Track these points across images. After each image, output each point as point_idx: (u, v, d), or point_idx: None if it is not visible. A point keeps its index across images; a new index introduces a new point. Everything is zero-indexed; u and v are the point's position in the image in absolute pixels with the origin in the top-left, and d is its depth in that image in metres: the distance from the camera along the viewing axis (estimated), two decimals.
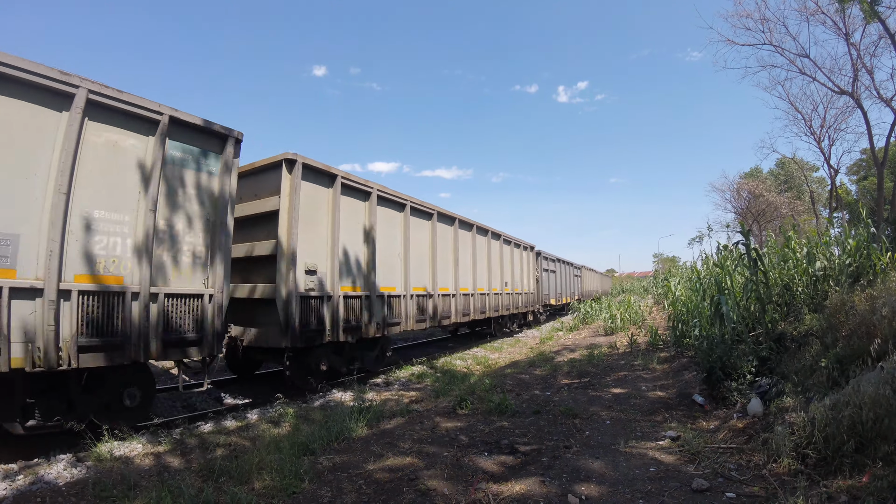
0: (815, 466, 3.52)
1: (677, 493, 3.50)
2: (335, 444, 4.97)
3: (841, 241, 7.84)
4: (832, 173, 26.16)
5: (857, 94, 18.74)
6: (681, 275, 18.67)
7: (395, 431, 5.39)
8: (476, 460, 4.38)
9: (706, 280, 10.07)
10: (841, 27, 17.74)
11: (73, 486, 4.02)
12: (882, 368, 3.96)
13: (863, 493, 2.99)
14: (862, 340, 4.90)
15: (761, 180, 38.35)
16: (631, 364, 9.23)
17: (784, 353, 6.03)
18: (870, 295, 5.47)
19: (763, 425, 4.54)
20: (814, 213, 33.49)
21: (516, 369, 9.57)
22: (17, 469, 4.36)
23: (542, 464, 4.24)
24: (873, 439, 3.40)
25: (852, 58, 18.12)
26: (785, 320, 7.22)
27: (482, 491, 3.68)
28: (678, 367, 8.32)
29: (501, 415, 5.89)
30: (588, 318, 20.25)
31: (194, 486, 3.81)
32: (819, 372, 4.90)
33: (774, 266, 9.07)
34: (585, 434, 5.10)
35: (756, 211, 37.84)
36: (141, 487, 3.86)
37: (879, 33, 16.35)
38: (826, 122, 24.29)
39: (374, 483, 3.93)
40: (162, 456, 4.82)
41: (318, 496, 3.72)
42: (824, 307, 6.38)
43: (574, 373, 8.69)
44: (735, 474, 3.76)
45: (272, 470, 4.09)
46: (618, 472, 3.99)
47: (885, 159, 19.18)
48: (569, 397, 6.79)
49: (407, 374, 9.61)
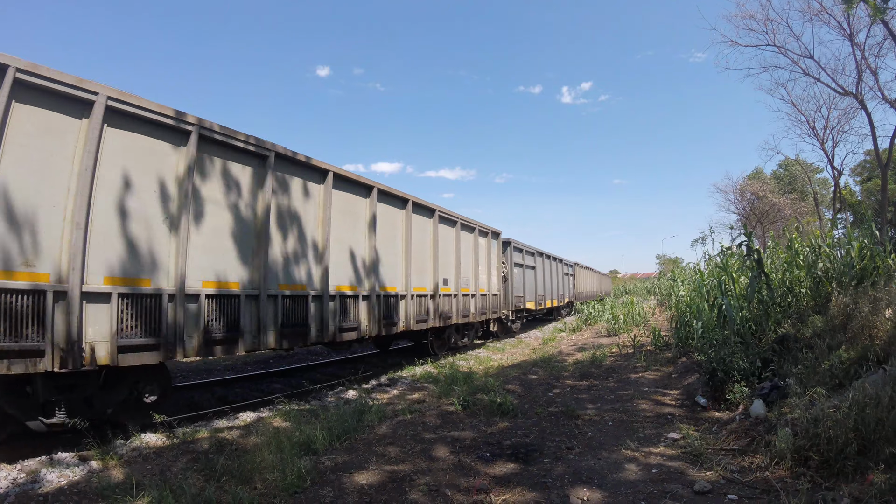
0: (817, 469, 3.51)
1: (680, 495, 3.50)
2: (337, 443, 4.98)
3: (844, 242, 7.82)
4: (836, 175, 26.10)
5: (861, 96, 18.68)
6: (684, 276, 18.63)
7: (398, 431, 5.39)
8: (478, 461, 4.38)
9: (709, 282, 10.06)
10: (845, 27, 17.69)
11: (75, 485, 4.03)
12: (885, 371, 3.95)
13: (865, 495, 2.98)
14: (865, 343, 4.89)
15: (765, 182, 38.26)
16: (634, 365, 9.22)
17: (787, 355, 6.01)
18: (873, 297, 5.46)
19: (766, 427, 4.53)
20: (817, 214, 33.39)
21: (518, 370, 9.57)
22: (19, 468, 4.38)
23: (544, 465, 4.24)
24: (876, 441, 3.39)
25: (856, 58, 18.08)
26: (788, 322, 7.21)
27: (484, 492, 3.68)
28: (681, 368, 8.30)
29: (504, 416, 5.89)
30: (591, 320, 20.22)
31: (196, 486, 3.82)
32: (822, 374, 4.89)
33: (777, 268, 9.05)
34: (588, 435, 5.10)
35: (759, 212, 37.74)
36: (143, 487, 3.87)
37: (884, 34, 16.31)
38: (829, 124, 24.25)
39: (377, 483, 3.93)
40: (164, 455, 4.84)
41: (320, 496, 3.72)
42: (827, 309, 6.37)
43: (576, 374, 8.68)
44: (737, 476, 3.75)
45: (274, 469, 4.09)
46: (620, 473, 3.99)
47: (889, 161, 19.10)
48: (571, 398, 6.78)
49: (410, 375, 9.62)
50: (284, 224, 7.11)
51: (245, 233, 6.48)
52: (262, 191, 6.70)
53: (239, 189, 6.45)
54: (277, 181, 7.02)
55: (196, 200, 5.87)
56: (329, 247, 7.84)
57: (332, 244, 7.96)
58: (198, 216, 5.89)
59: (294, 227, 7.29)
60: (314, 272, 7.60)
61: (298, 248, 7.35)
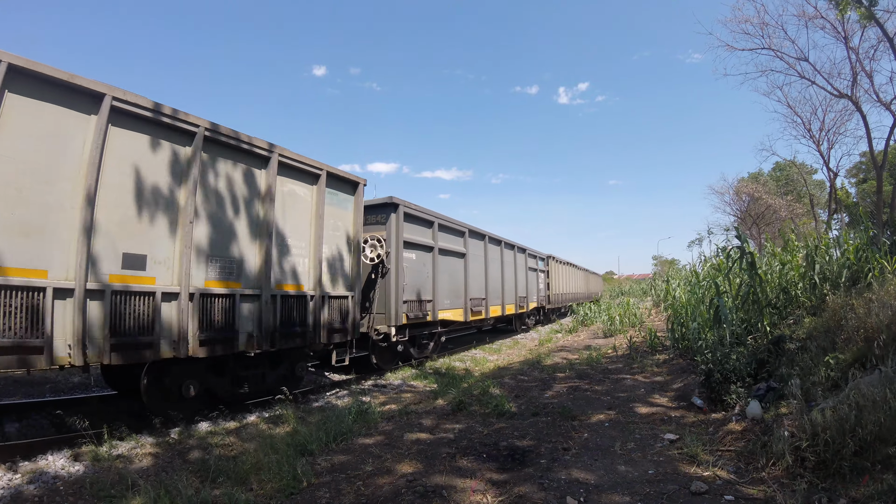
0: (814, 469, 3.52)
1: (676, 496, 3.50)
2: (333, 445, 4.97)
3: (840, 243, 7.85)
4: (831, 176, 26.22)
5: (857, 98, 18.78)
6: (680, 277, 18.69)
7: (394, 433, 5.38)
8: (474, 462, 4.37)
9: (705, 283, 10.09)
10: (840, 31, 17.79)
11: (70, 485, 4.01)
12: (881, 372, 3.96)
13: (862, 496, 2.99)
14: (860, 343, 4.91)
15: (761, 183, 38.42)
16: (630, 366, 9.23)
17: (783, 356, 6.03)
18: (868, 298, 5.48)
19: (762, 428, 4.54)
20: (813, 215, 33.55)
21: (514, 371, 9.57)
22: (15, 468, 4.35)
23: (540, 466, 4.24)
24: (873, 442, 3.39)
25: (851, 61, 18.15)
26: (784, 323, 7.23)
27: (480, 493, 3.67)
28: (677, 369, 8.32)
29: (500, 417, 5.88)
30: (587, 321, 20.25)
31: (192, 486, 3.80)
32: (818, 375, 4.90)
33: (773, 269, 9.08)
34: (584, 436, 5.10)
35: (755, 213, 37.90)
36: (139, 487, 3.85)
37: (878, 37, 16.39)
38: (825, 126, 24.36)
39: (372, 485, 3.92)
40: (160, 455, 4.81)
41: (316, 497, 3.71)
42: (823, 310, 6.40)
43: (572, 375, 8.68)
44: (734, 477, 3.76)
45: (270, 470, 4.08)
46: (616, 474, 3.99)
47: (885, 162, 19.21)
48: (567, 399, 6.78)
49: (405, 376, 9.60)
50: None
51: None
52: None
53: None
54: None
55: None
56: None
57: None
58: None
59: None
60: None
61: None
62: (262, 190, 6.97)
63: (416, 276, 10.76)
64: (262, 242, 6.83)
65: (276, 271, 7.03)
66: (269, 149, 7.02)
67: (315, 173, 7.90)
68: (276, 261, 7.05)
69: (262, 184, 6.99)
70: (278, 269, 7.08)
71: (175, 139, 5.91)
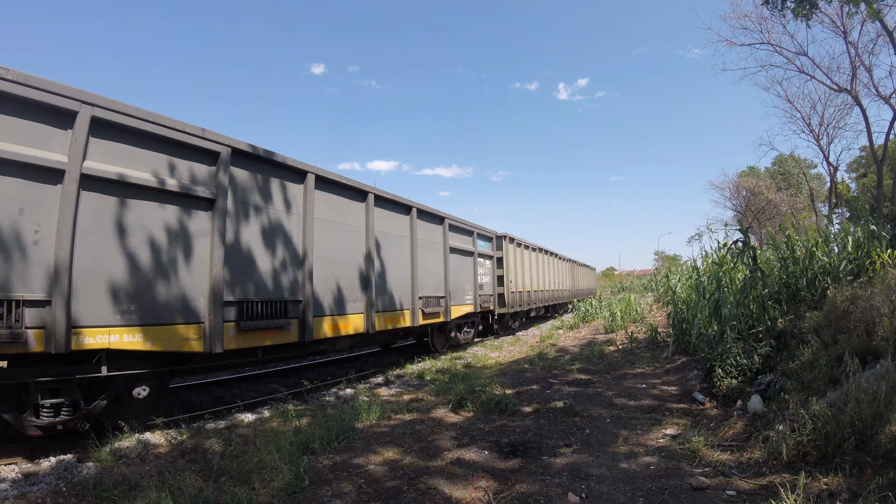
0: (815, 464, 3.52)
1: (677, 491, 3.50)
2: (335, 443, 4.97)
3: (840, 237, 7.84)
4: (831, 170, 26.21)
5: (856, 92, 18.76)
6: (681, 273, 18.68)
7: (396, 430, 5.39)
8: (476, 459, 4.38)
9: (706, 278, 10.08)
10: (839, 25, 17.75)
11: (73, 486, 4.01)
12: (882, 365, 3.96)
13: (863, 489, 2.99)
14: (861, 338, 4.91)
15: (760, 178, 38.38)
16: (631, 362, 9.24)
17: (784, 350, 6.03)
18: (869, 292, 5.48)
19: (763, 423, 4.55)
20: (813, 210, 33.54)
21: (516, 367, 9.58)
22: (18, 469, 4.36)
23: (542, 462, 4.24)
24: (874, 436, 3.40)
25: (850, 56, 18.15)
26: (785, 318, 7.23)
27: (482, 490, 3.68)
28: (678, 364, 8.32)
29: (501, 413, 5.89)
30: (588, 317, 20.25)
31: (194, 486, 3.81)
32: (819, 369, 4.90)
33: (774, 263, 9.07)
34: (585, 432, 5.10)
35: (755, 208, 37.90)
36: (141, 487, 3.86)
37: (878, 31, 16.38)
38: (825, 120, 24.37)
39: (375, 482, 3.93)
40: (162, 456, 4.82)
41: (319, 495, 3.71)
42: (824, 304, 6.39)
43: (574, 370, 8.69)
44: (735, 472, 3.76)
45: (272, 469, 4.08)
46: (618, 469, 3.99)
47: (885, 156, 19.20)
48: (569, 395, 6.79)
49: (407, 373, 9.62)
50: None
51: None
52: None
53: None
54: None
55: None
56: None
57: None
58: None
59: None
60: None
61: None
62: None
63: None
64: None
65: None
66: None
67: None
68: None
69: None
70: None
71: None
